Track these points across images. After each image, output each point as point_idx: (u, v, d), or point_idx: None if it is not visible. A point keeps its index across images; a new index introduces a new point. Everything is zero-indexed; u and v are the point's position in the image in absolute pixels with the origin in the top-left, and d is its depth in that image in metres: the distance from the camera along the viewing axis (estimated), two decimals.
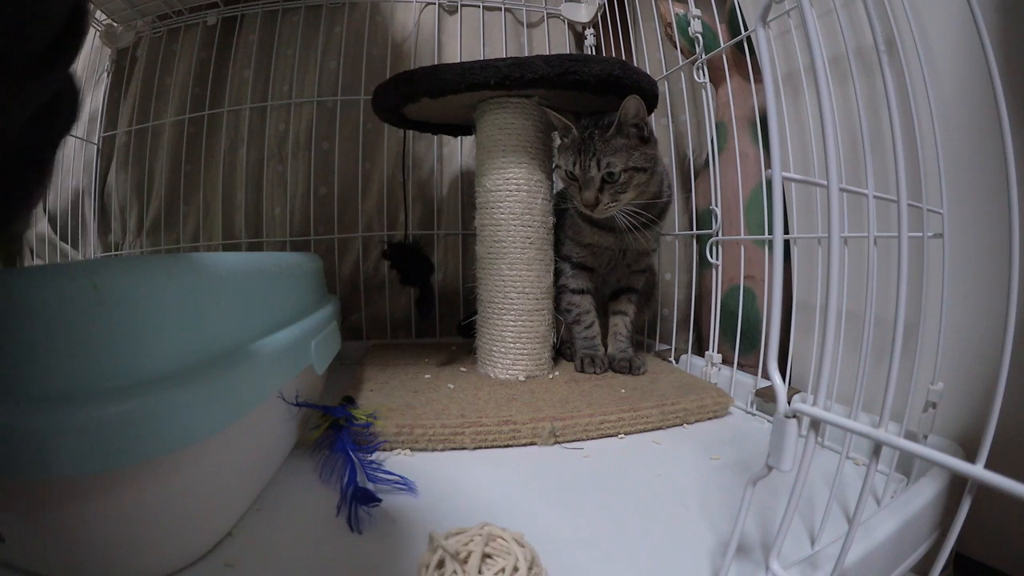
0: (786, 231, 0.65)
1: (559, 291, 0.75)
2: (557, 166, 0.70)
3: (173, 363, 0.29)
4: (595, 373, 0.70)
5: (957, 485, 0.39)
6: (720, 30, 0.77)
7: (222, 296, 0.35)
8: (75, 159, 1.07)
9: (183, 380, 0.28)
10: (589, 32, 1.08)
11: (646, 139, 0.63)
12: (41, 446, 0.23)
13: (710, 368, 0.70)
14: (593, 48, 1.08)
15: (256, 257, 0.47)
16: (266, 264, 0.45)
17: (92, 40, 1.06)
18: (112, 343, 0.26)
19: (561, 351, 0.80)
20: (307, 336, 0.47)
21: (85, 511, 0.27)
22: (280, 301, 0.47)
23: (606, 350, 0.76)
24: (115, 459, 0.25)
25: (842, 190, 0.32)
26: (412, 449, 0.50)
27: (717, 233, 0.71)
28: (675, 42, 0.81)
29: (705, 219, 0.78)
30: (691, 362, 0.78)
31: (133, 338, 0.27)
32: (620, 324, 0.77)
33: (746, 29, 0.69)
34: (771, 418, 0.36)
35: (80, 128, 1.06)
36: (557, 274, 0.74)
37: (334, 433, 0.48)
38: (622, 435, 0.55)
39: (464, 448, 0.51)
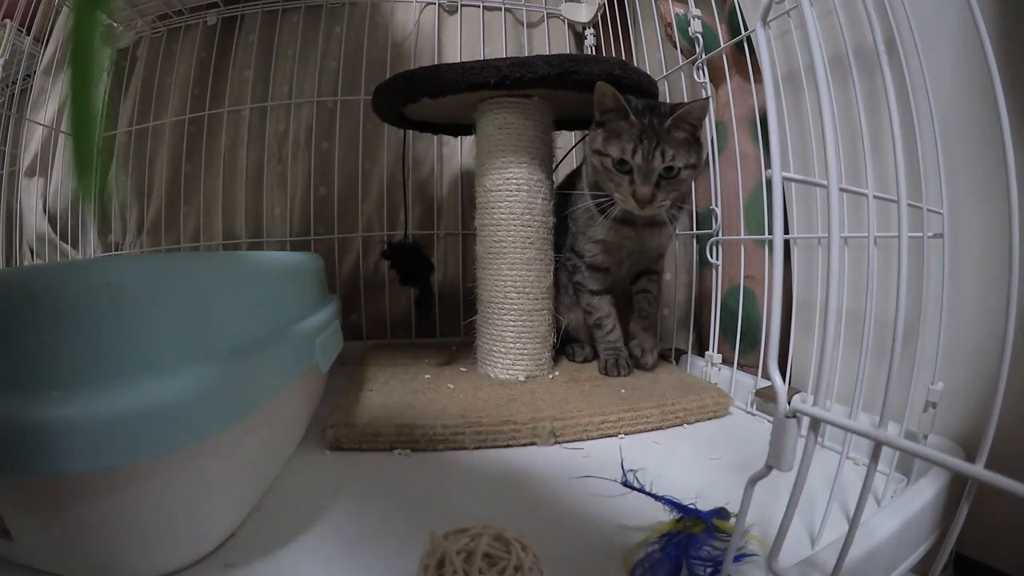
0: (786, 231, 0.65)
1: (576, 288, 0.74)
2: (598, 152, 0.62)
3: (184, 359, 0.29)
4: (620, 375, 0.70)
5: (957, 485, 0.39)
6: (720, 30, 0.77)
7: (231, 294, 0.35)
8: None
9: (194, 376, 0.28)
10: (589, 32, 1.07)
11: (697, 139, 0.62)
12: (53, 442, 0.23)
13: (710, 368, 0.70)
14: (593, 48, 1.07)
15: (263, 256, 0.48)
16: (272, 263, 0.46)
17: None
18: (124, 340, 0.26)
19: (562, 350, 0.80)
20: (312, 334, 0.47)
21: (94, 508, 0.27)
22: (286, 299, 0.47)
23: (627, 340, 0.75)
24: (127, 455, 0.25)
25: (842, 190, 0.32)
26: (412, 449, 0.50)
27: (717, 233, 0.71)
28: (675, 42, 0.80)
29: (705, 219, 0.78)
30: (691, 362, 0.78)
31: (145, 335, 0.27)
32: (644, 302, 0.76)
33: (746, 29, 0.69)
34: (771, 418, 0.36)
35: None
36: (572, 271, 0.74)
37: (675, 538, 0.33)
38: (622, 435, 0.55)
39: (464, 448, 0.51)
